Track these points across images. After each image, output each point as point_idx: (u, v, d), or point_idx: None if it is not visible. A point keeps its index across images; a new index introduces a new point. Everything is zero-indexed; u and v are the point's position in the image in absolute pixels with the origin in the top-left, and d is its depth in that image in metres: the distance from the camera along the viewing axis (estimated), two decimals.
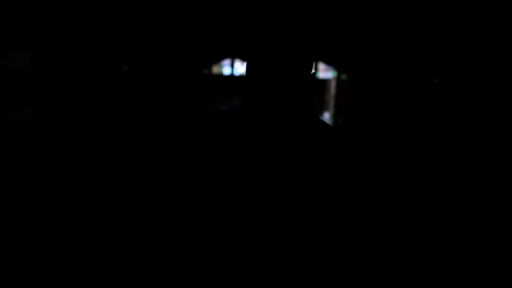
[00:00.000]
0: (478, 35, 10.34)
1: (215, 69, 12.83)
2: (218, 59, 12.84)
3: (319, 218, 1.32)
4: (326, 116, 14.66)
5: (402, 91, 12.11)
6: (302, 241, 1.31)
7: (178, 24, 11.44)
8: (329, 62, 14.08)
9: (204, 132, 1.33)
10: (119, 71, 10.89)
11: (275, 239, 1.30)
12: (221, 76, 12.84)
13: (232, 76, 12.81)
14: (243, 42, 12.03)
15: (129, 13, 10.80)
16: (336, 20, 12.25)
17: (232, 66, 12.77)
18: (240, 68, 12.94)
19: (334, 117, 13.19)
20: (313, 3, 11.87)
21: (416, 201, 5.12)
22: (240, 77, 12.76)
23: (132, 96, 10.62)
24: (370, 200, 4.88)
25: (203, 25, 11.77)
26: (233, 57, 12.80)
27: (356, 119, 11.86)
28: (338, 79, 13.30)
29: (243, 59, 12.49)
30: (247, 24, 11.48)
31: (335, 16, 12.14)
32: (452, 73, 11.30)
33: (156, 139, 9.30)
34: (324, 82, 14.61)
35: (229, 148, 1.30)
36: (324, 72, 13.98)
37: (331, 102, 13.39)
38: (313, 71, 1.36)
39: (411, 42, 11.78)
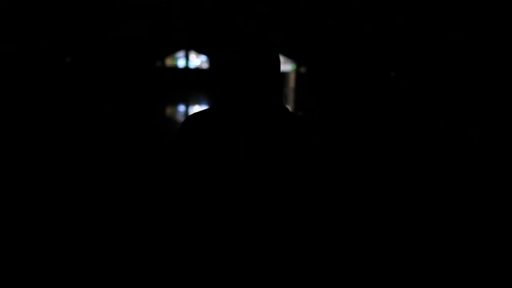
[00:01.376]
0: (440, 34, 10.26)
1: (168, 62, 12.30)
2: (172, 51, 12.30)
3: (308, 211, 1.37)
4: None
5: (361, 84, 12.02)
6: (293, 235, 1.36)
7: (179, 24, 11.65)
8: (289, 55, 13.75)
9: (192, 129, 1.37)
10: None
11: (266, 235, 1.34)
12: (175, 68, 12.33)
13: (186, 68, 12.29)
14: (209, 36, 11.94)
15: (129, 13, 11.04)
16: (296, 13, 12.12)
17: (186, 58, 12.24)
18: (195, 60, 12.43)
19: (294, 110, 12.87)
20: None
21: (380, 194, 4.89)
22: (212, 73, 12.46)
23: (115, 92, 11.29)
24: (354, 193, 4.65)
25: (203, 25, 11.75)
26: (187, 49, 12.27)
27: (316, 112, 11.63)
28: (297, 72, 13.01)
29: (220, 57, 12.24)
30: (247, 24, 11.56)
31: (295, 9, 12.01)
32: (410, 67, 11.28)
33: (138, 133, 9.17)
34: (283, 75, 14.30)
35: (217, 144, 1.34)
36: (283, 65, 13.64)
37: (291, 95, 13.07)
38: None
39: (370, 37, 11.72)
